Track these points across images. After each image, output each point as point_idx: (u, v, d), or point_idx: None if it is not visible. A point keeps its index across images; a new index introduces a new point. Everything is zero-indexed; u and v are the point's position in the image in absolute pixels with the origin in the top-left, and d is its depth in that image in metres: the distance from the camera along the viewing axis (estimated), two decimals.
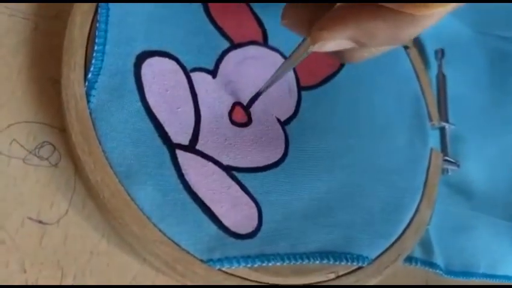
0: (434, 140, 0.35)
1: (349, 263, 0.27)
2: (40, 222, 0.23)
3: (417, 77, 0.36)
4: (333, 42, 0.20)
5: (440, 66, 0.38)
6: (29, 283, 0.22)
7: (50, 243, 0.23)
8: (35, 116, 0.25)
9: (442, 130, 0.36)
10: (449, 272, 0.34)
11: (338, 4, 0.20)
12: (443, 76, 0.38)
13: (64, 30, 0.25)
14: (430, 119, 0.35)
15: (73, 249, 0.23)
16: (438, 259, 0.34)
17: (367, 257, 0.28)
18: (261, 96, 0.28)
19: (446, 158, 0.35)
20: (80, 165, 0.23)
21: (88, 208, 0.24)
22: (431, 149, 0.34)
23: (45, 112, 0.25)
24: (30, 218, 0.23)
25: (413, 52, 0.36)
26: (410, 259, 0.32)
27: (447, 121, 0.36)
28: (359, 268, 0.28)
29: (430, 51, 0.39)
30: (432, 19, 0.18)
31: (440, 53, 0.38)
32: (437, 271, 0.33)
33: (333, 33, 0.20)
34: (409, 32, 0.19)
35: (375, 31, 0.19)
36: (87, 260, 0.24)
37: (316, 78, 0.32)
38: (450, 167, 0.35)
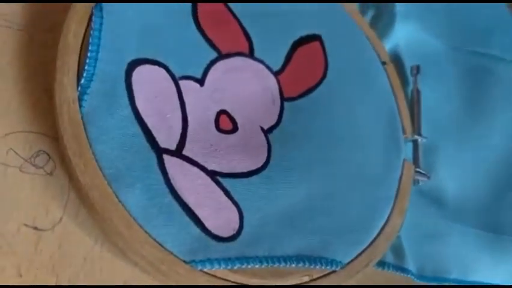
0: (407, 152, 0.37)
1: (323, 267, 0.28)
2: (36, 228, 0.24)
3: (393, 91, 0.38)
4: None
5: (415, 82, 0.40)
6: None
7: (46, 249, 0.24)
8: (31, 126, 0.25)
9: (415, 143, 0.38)
10: (421, 277, 0.36)
11: None
12: (418, 91, 0.40)
13: (58, 43, 0.25)
14: (404, 132, 0.37)
15: (67, 254, 0.24)
16: (410, 264, 0.35)
17: (340, 262, 0.29)
18: (246, 105, 0.29)
19: (418, 169, 0.37)
20: (71, 167, 0.24)
21: (82, 215, 0.25)
22: (404, 160, 0.36)
23: (41, 122, 0.26)
24: (26, 225, 0.24)
25: (390, 68, 0.38)
26: (382, 264, 0.34)
27: (420, 134, 0.38)
28: (332, 272, 0.29)
29: (408, 67, 0.41)
30: None
31: (415, 69, 0.40)
32: (409, 276, 0.35)
33: None
34: None
35: None
36: (81, 265, 0.25)
37: (298, 90, 0.33)
38: (421, 178, 0.37)
